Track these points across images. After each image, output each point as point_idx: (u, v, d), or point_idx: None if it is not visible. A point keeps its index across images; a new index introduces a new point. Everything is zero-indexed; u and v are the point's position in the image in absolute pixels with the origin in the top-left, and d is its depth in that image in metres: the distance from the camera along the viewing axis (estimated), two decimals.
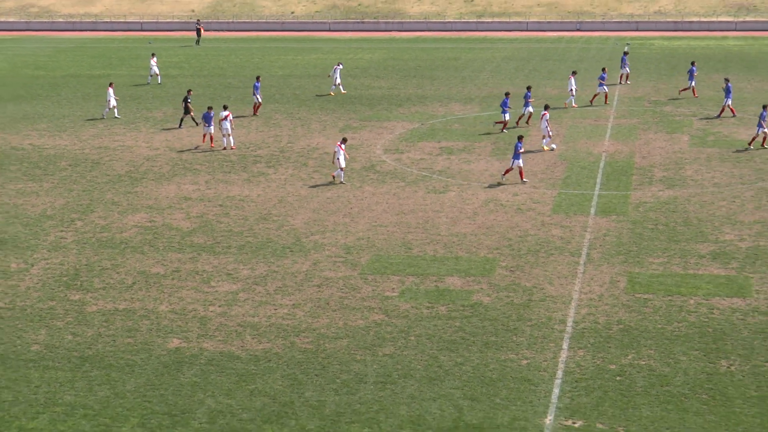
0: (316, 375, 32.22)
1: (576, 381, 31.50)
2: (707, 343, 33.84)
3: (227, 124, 60.84)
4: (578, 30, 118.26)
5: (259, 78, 73.85)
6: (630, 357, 32.99)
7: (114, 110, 71.09)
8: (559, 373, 32.01)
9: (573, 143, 61.44)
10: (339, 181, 53.25)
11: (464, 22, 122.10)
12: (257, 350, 34.02)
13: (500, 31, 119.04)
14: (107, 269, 41.75)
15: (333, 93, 79.39)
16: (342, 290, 39.02)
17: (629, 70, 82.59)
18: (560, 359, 32.97)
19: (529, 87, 68.37)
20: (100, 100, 77.19)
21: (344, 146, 53.29)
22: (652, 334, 34.58)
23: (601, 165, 56.55)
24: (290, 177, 55.03)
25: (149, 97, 78.29)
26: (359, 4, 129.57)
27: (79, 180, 55.19)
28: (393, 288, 39.15)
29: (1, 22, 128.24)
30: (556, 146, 60.53)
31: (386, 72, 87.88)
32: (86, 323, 36.40)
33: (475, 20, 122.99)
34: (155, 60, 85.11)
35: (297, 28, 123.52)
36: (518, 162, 52.54)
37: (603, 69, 75.84)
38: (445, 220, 47.12)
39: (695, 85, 75.73)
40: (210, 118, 60.65)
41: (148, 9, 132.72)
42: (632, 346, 33.72)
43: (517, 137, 53.30)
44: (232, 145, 61.25)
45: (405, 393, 30.95)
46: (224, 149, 60.99)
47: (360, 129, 66.36)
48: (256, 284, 39.79)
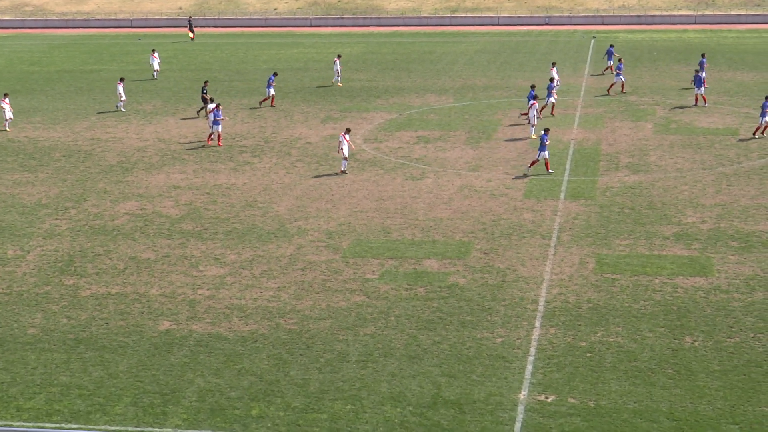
0: (301, 354, 32.12)
1: (548, 358, 31.48)
2: (672, 321, 33.87)
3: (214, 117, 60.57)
4: (547, 24, 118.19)
5: (276, 73, 73.23)
6: (599, 334, 32.99)
7: (120, 104, 70.65)
8: (532, 351, 31.99)
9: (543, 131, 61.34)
10: (341, 171, 52.69)
11: (439, 17, 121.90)
12: (244, 331, 33.90)
13: (473, 26, 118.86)
14: (100, 255, 41.54)
15: (334, 83, 79.28)
16: (324, 273, 38.92)
17: (613, 62, 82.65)
18: (533, 337, 32.95)
19: (552, 78, 68.15)
20: (93, 94, 76.81)
21: (348, 136, 52.82)
22: (620, 313, 34.59)
23: (570, 152, 56.52)
24: (274, 166, 54.84)
25: (139, 91, 77.89)
26: (339, 1, 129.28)
27: (73, 170, 54.88)
28: (373, 271, 39.06)
29: None
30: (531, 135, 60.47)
31: (365, 65, 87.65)
32: (80, 307, 36.22)
33: (449, 15, 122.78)
34: (156, 55, 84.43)
35: (279, 24, 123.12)
36: (544, 154, 51.61)
37: (620, 60, 75.65)
38: (422, 206, 47.02)
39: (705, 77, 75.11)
40: (218, 116, 58.86)
41: (138, 7, 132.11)
42: (601, 324, 33.72)
43: (543, 129, 52.65)
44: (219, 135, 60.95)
45: (386, 371, 30.88)
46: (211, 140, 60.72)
47: (340, 120, 66.17)
48: (243, 268, 39.65)
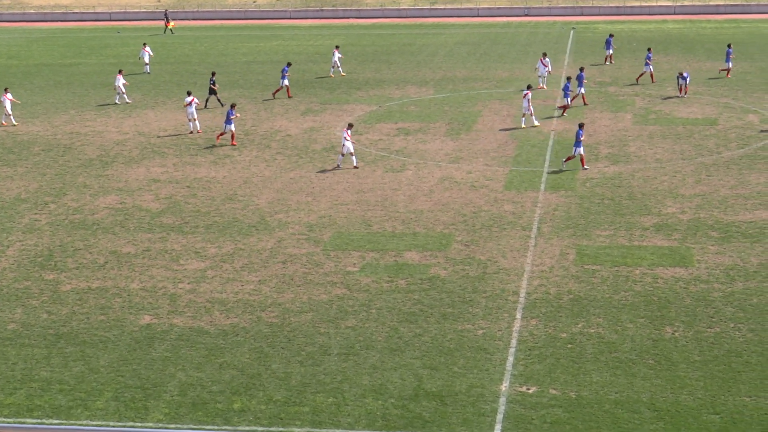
0: (282, 348, 32.12)
1: (529, 349, 31.55)
2: (652, 311, 33.98)
3: (193, 110, 60.47)
4: (526, 15, 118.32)
5: (290, 64, 73.22)
6: (580, 325, 33.08)
7: (124, 96, 70.42)
8: (513, 342, 32.05)
9: (524, 122, 61.43)
10: (353, 166, 52.04)
11: (418, 9, 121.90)
12: (225, 325, 33.87)
13: (452, 17, 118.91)
14: (80, 250, 41.43)
15: (340, 74, 79.31)
16: (306, 266, 38.91)
17: (612, 52, 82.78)
18: (514, 329, 33.01)
19: (582, 68, 68.24)
20: (72, 87, 76.50)
21: (350, 132, 52.51)
22: (601, 304, 34.69)
23: (550, 143, 56.62)
24: (254, 159, 54.77)
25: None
26: None
27: (52, 164, 54.69)
28: (354, 263, 39.07)
29: None
30: (535, 125, 60.45)
31: (345, 57, 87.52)
32: (61, 302, 36.12)
33: (429, 7, 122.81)
34: (147, 49, 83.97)
35: (259, 17, 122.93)
36: (579, 150, 50.68)
37: (648, 49, 75.77)
38: (403, 198, 47.05)
39: (731, 67, 75.39)
40: (231, 115, 57.56)
41: (116, 0, 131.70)
42: (582, 315, 33.81)
43: (579, 125, 51.81)
44: (199, 130, 60.83)
45: (367, 363, 30.90)
46: (190, 133, 60.55)
47: (321, 112, 66.12)
48: (224, 262, 39.62)
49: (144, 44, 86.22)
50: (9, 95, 65.06)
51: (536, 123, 60.44)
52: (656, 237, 41.02)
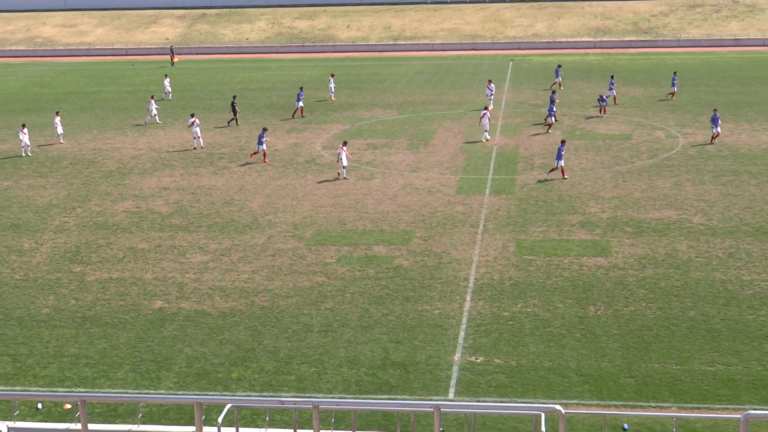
0: (272, 326, 32.03)
1: (477, 326, 31.58)
2: (578, 293, 34.09)
3: (196, 129, 60.16)
4: (473, 49, 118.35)
5: (303, 88, 73.07)
6: (519, 306, 33.13)
7: (155, 117, 69.84)
8: (464, 320, 32.08)
9: (471, 138, 61.50)
10: (342, 177, 51.42)
11: (384, 44, 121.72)
12: (225, 308, 33.74)
13: (412, 51, 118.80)
14: (102, 246, 41.15)
15: (331, 98, 78.87)
16: (291, 258, 38.80)
17: (560, 79, 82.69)
18: (465, 309, 33.04)
19: (554, 91, 68.33)
20: (94, 111, 75.92)
21: (345, 148, 51.72)
22: (536, 287, 34.77)
23: (494, 155, 56.68)
24: (248, 170, 54.54)
25: (134, 108, 77.13)
26: (300, 32, 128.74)
27: (78, 175, 54.27)
28: (332, 256, 38.99)
29: (13, 50, 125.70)
30: (487, 139, 60.34)
31: (323, 85, 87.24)
32: (86, 290, 35.88)
33: (392, 42, 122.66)
34: (168, 80, 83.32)
35: (251, 51, 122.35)
36: (561, 162, 49.69)
37: (611, 76, 75.54)
38: (372, 201, 46.99)
39: (675, 90, 75.40)
40: (263, 137, 55.97)
41: (132, 38, 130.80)
42: (521, 297, 33.87)
43: (561, 141, 51.20)
44: (202, 146, 60.53)
45: (343, 339, 30.86)
46: (194, 149, 60.24)
47: (303, 131, 65.92)
48: (223, 255, 39.45)
49: (165, 75, 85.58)
50: (59, 118, 64.24)
51: (488, 138, 60.33)
52: (581, 232, 41.15)
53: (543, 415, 17.77)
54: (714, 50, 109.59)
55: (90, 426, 18.52)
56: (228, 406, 18.76)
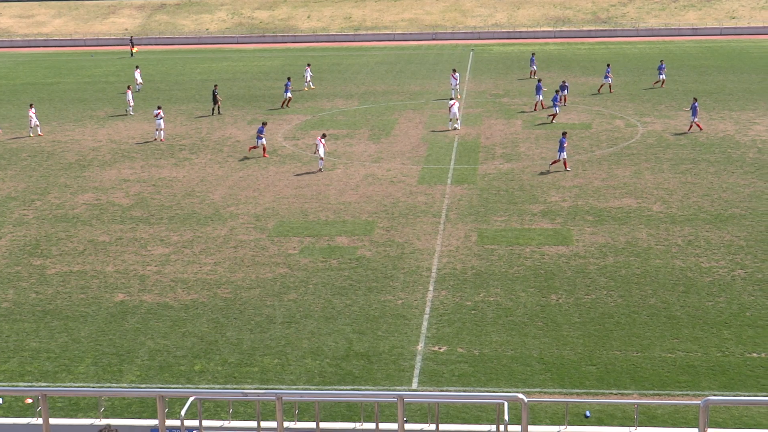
0: (235, 318, 31.91)
1: (440, 315, 31.65)
2: (540, 282, 34.26)
3: (160, 121, 59.68)
4: (434, 39, 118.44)
5: (290, 78, 73.43)
6: (481, 295, 33.24)
7: (129, 109, 69.25)
8: (427, 310, 32.14)
9: (432, 128, 61.58)
10: (317, 169, 50.87)
11: (344, 35, 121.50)
12: (187, 300, 33.57)
13: (373, 41, 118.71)
14: (62, 239, 40.78)
15: (306, 89, 78.59)
16: (253, 250, 38.67)
17: (536, 68, 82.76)
18: (427, 299, 33.10)
19: (540, 79, 68.58)
20: (53, 103, 75.13)
21: (324, 140, 51.39)
22: (498, 276, 34.89)
23: (455, 145, 56.79)
24: (209, 161, 54.27)
25: (93, 100, 76.43)
26: (261, 22, 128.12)
27: (37, 168, 53.71)
28: (294, 247, 38.91)
29: None
30: (452, 128, 60.57)
31: (284, 75, 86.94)
32: (47, 283, 35.54)
33: (353, 33, 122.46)
34: (139, 71, 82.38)
35: (211, 42, 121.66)
36: (563, 154, 49.28)
37: (608, 65, 75.44)
38: (334, 192, 46.92)
39: (665, 78, 75.75)
40: (262, 132, 54.95)
41: (90, 28, 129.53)
42: (483, 286, 33.98)
43: (562, 133, 50.75)
44: (162, 138, 60.08)
45: (306, 330, 30.82)
46: (154, 140, 59.79)
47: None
48: (185, 247, 39.24)
49: (136, 66, 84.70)
50: (33, 110, 63.43)
51: (457, 126, 60.57)
52: (543, 221, 41.35)
53: (506, 404, 17.84)
54: (672, 39, 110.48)
55: (51, 420, 18.36)
56: (191, 399, 18.66)
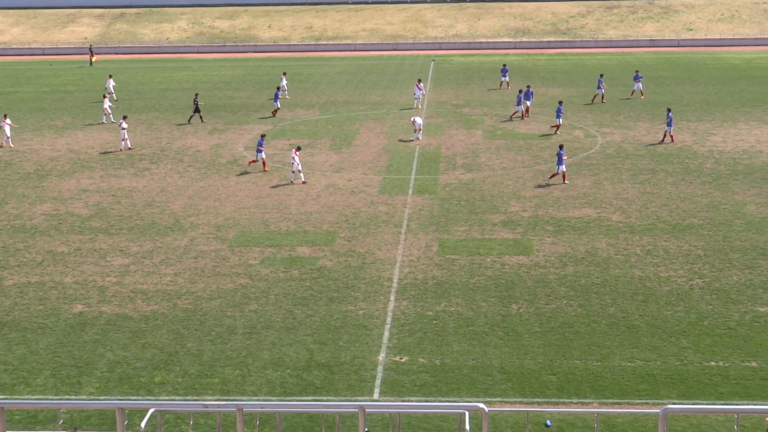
0: (196, 329, 31.73)
1: (402, 325, 31.67)
2: (501, 292, 34.38)
3: (123, 131, 59.11)
4: (395, 49, 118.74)
5: (279, 88, 73.54)
6: (443, 305, 33.30)
7: (110, 116, 68.55)
8: (388, 320, 32.14)
9: (394, 138, 61.69)
10: (300, 182, 50.08)
11: (305, 44, 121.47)
12: (147, 311, 33.33)
13: (334, 51, 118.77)
14: (21, 250, 40.34)
15: (288, 97, 78.61)
16: (214, 260, 38.49)
17: (507, 78, 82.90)
18: (389, 309, 33.10)
19: (529, 85, 69.02)
20: (11, 112, 74.32)
21: (299, 153, 50.81)
22: (459, 286, 34.97)
23: (416, 155, 56.91)
24: (169, 171, 53.97)
25: (52, 109, 75.78)
26: (221, 32, 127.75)
27: None
28: (255, 257, 38.77)
29: None
30: (416, 139, 60.74)
31: (244, 85, 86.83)
32: (4, 294, 35.14)
33: (314, 43, 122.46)
34: (112, 80, 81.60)
35: (171, 51, 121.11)
36: (562, 167, 48.71)
37: (601, 75, 75.16)
38: (295, 202, 46.84)
39: (642, 89, 76.09)
40: (262, 145, 53.42)
41: (49, 37, 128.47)
42: (444, 296, 34.04)
43: (559, 146, 50.29)
44: (121, 148, 59.59)
45: (267, 340, 30.71)
46: (121, 150, 59.36)
47: (225, 131, 65.45)
48: (144, 258, 38.96)
49: (110, 75, 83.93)
50: (8, 120, 62.64)
51: (419, 137, 60.76)
52: (503, 231, 41.52)
53: (467, 414, 17.91)
54: (630, 51, 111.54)
55: None
56: (151, 411, 18.55)
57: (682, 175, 50.54)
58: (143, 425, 17.41)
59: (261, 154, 53.09)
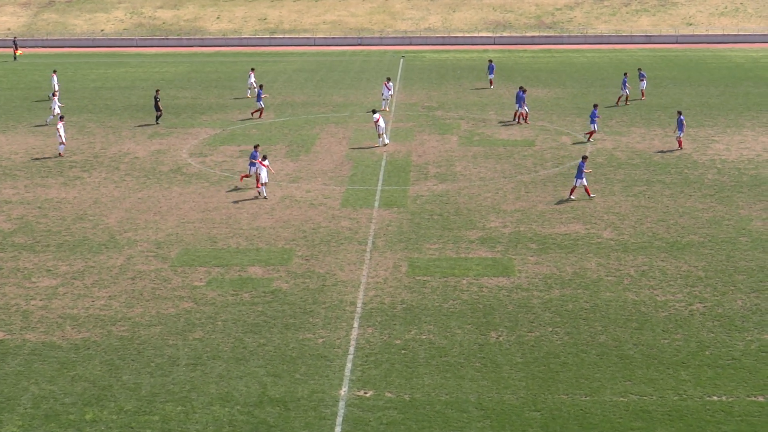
0: (132, 360, 31.55)
1: (366, 356, 31.64)
2: (478, 318, 34.44)
3: (62, 132, 58.70)
4: (359, 44, 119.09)
5: (263, 86, 73.82)
6: (413, 332, 33.31)
7: (58, 117, 68.21)
8: (351, 349, 32.11)
9: (357, 144, 61.78)
10: (262, 197, 49.63)
11: (259, 38, 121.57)
12: (77, 339, 33.11)
13: (291, 46, 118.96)
14: None
15: (250, 96, 79.27)
16: (154, 282, 38.32)
17: (493, 76, 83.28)
18: (352, 337, 33.07)
19: (522, 87, 69.00)
20: None
21: (267, 162, 50.19)
22: (431, 312, 35.00)
23: (383, 163, 57.00)
24: (104, 180, 53.73)
25: None
26: (163, 23, 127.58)
27: None
28: (201, 278, 38.65)
29: None
30: (382, 144, 60.87)
31: (189, 83, 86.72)
32: None
33: (269, 36, 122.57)
34: (55, 76, 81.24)
35: (107, 44, 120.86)
36: (582, 181, 48.11)
37: (624, 74, 75.67)
38: (246, 216, 46.76)
39: (645, 89, 76.71)
40: (255, 157, 51.58)
41: None
42: (414, 323, 34.06)
43: (582, 157, 49.68)
44: (61, 153, 59.21)
45: (214, 373, 30.59)
46: (60, 155, 58.93)
47: (167, 135, 65.29)
48: (75, 279, 38.73)
49: (54, 71, 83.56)
50: None
51: (386, 142, 60.92)
52: (481, 249, 41.63)
53: None
54: (623, 47, 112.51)
55: None
56: None
57: (681, 187, 50.96)
58: None
59: (254, 168, 51.36)
